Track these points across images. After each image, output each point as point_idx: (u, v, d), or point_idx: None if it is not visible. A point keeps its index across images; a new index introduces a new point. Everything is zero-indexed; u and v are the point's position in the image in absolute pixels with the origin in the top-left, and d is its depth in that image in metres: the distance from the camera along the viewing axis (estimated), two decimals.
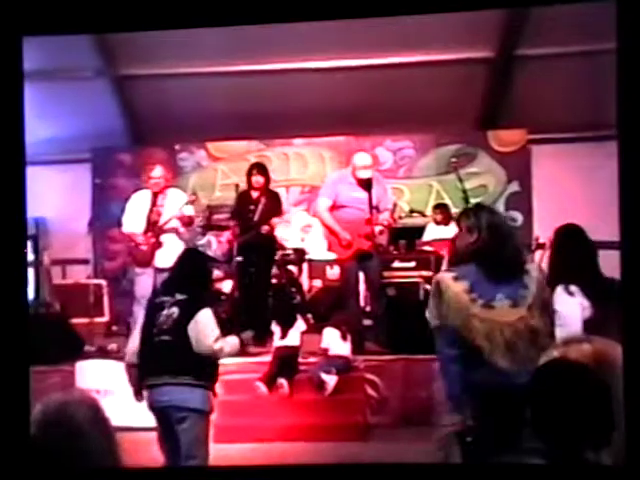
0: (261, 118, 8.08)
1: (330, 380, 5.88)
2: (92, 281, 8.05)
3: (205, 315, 3.95)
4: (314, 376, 5.97)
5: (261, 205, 6.79)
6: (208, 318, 3.96)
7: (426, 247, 7.43)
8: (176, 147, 9.00)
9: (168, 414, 3.95)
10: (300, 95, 8.00)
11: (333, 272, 7.33)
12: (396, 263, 7.14)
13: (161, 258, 6.49)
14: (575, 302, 3.88)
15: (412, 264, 7.10)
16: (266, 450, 5.38)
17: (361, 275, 6.62)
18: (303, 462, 4.99)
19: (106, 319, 7.74)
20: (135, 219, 6.68)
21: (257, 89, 7.99)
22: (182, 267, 4.31)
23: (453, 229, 7.43)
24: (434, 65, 7.95)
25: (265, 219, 6.76)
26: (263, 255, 6.91)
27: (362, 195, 6.36)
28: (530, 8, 7.21)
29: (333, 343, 6.15)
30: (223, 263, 7.24)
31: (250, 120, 8.10)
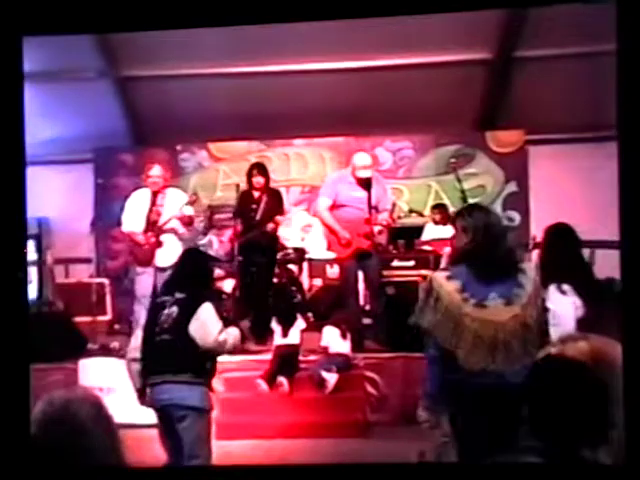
0: (262, 119, 8.07)
1: (330, 378, 5.88)
2: (95, 280, 8.04)
3: (206, 310, 3.95)
4: (314, 374, 5.97)
5: (263, 204, 6.79)
6: (209, 312, 3.95)
7: (425, 246, 7.43)
8: (178, 147, 8.99)
9: (169, 412, 3.94)
10: (300, 96, 7.99)
11: (333, 271, 7.33)
12: (395, 262, 7.14)
13: (161, 257, 6.48)
14: (568, 301, 3.88)
15: (411, 263, 7.10)
16: (267, 447, 5.38)
17: (360, 274, 6.62)
18: (303, 459, 5.00)
19: (108, 317, 7.74)
20: (135, 218, 6.65)
21: (258, 90, 7.98)
22: (183, 267, 4.31)
23: (451, 229, 7.47)
24: (433, 66, 7.93)
25: (267, 217, 6.75)
26: (265, 254, 6.90)
27: (362, 195, 6.35)
28: (528, 10, 7.20)
29: (333, 341, 6.15)
30: (224, 262, 7.23)
31: (251, 121, 8.09)
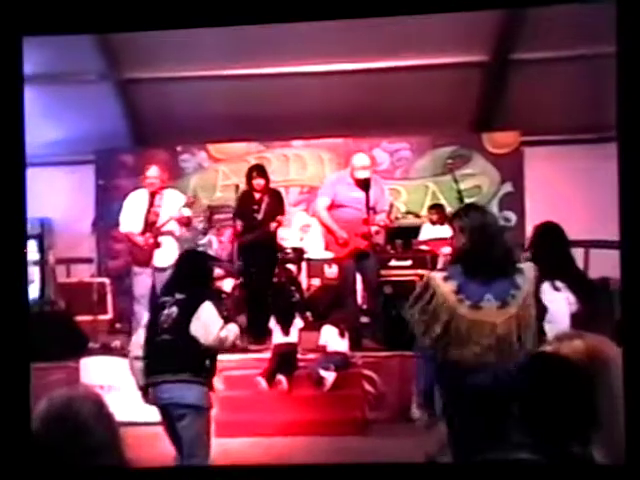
0: (261, 120, 8.07)
1: (328, 376, 5.88)
2: (96, 280, 8.03)
3: (207, 308, 3.97)
4: (313, 372, 5.97)
5: (264, 204, 6.78)
6: (210, 310, 3.97)
7: (422, 246, 7.43)
8: (178, 149, 8.98)
9: (169, 411, 3.94)
10: (299, 98, 7.98)
11: (331, 271, 7.32)
12: (393, 262, 7.14)
13: (159, 258, 6.48)
14: (562, 298, 3.87)
15: (408, 263, 7.10)
16: (266, 445, 5.37)
17: (358, 274, 6.62)
18: (302, 456, 5.00)
19: (110, 317, 7.73)
20: (133, 219, 6.63)
21: (257, 92, 7.97)
22: (182, 267, 4.31)
23: (448, 229, 7.47)
24: (430, 69, 7.93)
25: (269, 218, 6.75)
26: (266, 254, 6.89)
27: (360, 195, 6.34)
28: (524, 13, 7.22)
29: (331, 340, 6.15)
30: (224, 262, 7.23)
31: (250, 122, 8.09)
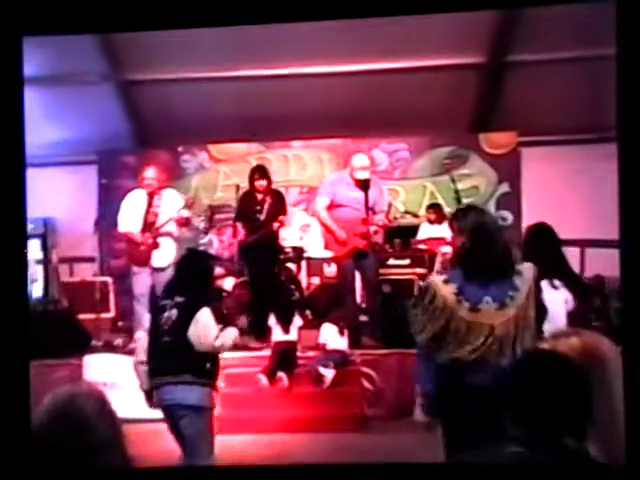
0: (261, 121, 8.07)
1: (328, 374, 5.88)
2: (98, 278, 8.02)
3: (204, 315, 3.91)
4: (312, 370, 5.97)
5: (267, 205, 6.77)
6: (207, 317, 3.92)
7: (420, 245, 7.43)
8: (179, 149, 8.97)
9: (172, 412, 3.93)
10: (299, 99, 7.98)
11: (330, 270, 7.31)
12: (391, 261, 7.14)
13: (158, 258, 6.48)
14: (560, 296, 3.88)
15: (407, 262, 7.10)
16: (267, 441, 5.38)
17: (357, 272, 6.62)
18: (303, 452, 5.00)
19: (112, 315, 7.72)
20: (131, 219, 6.62)
21: (257, 93, 7.97)
22: (184, 267, 4.28)
23: (446, 228, 7.47)
24: (428, 70, 7.93)
25: (271, 218, 6.74)
26: (269, 254, 6.89)
27: (359, 195, 6.34)
28: (520, 16, 7.23)
29: (331, 338, 6.15)
30: (224, 261, 7.23)
31: (250, 123, 8.09)
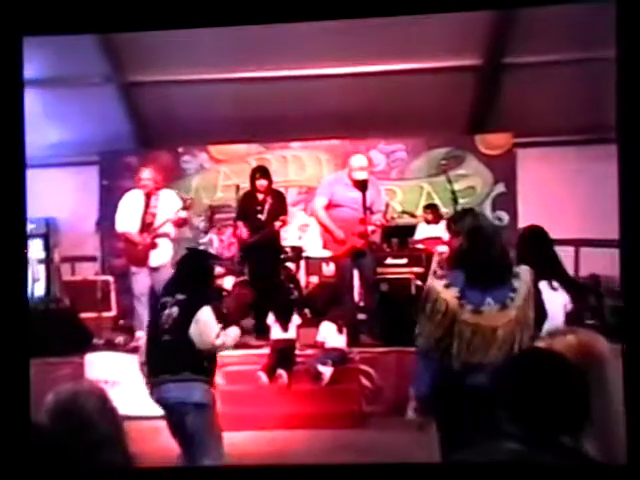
0: (261, 122, 8.07)
1: (326, 371, 5.88)
2: (100, 277, 8.00)
3: (205, 313, 3.89)
4: (311, 368, 5.97)
5: (268, 205, 6.76)
6: (208, 316, 3.90)
7: (418, 245, 7.43)
8: (180, 150, 8.97)
9: (173, 410, 3.92)
10: (298, 101, 7.98)
11: (329, 269, 7.31)
12: (389, 260, 7.13)
13: (155, 258, 6.47)
14: (558, 297, 3.89)
15: (404, 261, 7.09)
16: (267, 437, 5.38)
17: (355, 271, 6.62)
18: (302, 449, 5.00)
19: (113, 314, 7.71)
20: (129, 219, 6.61)
21: (257, 95, 7.96)
22: (184, 266, 4.26)
23: (443, 228, 7.47)
24: (425, 72, 7.93)
25: (273, 218, 6.73)
26: (271, 254, 6.88)
27: (357, 195, 6.34)
28: (516, 19, 7.24)
29: (329, 336, 6.15)
30: (224, 260, 7.22)
31: (250, 124, 8.09)
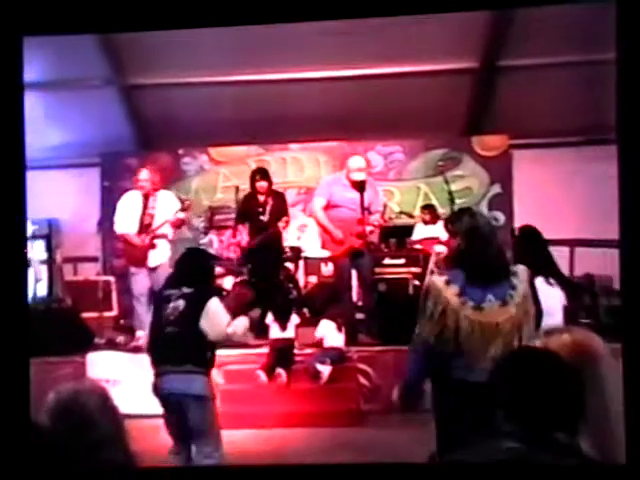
0: (260, 124, 8.06)
1: (325, 370, 5.87)
2: (101, 278, 8.00)
3: (214, 304, 3.96)
4: (310, 366, 5.97)
5: (269, 207, 6.75)
6: (217, 306, 3.97)
7: (415, 245, 7.43)
8: (180, 152, 8.96)
9: (174, 401, 3.93)
10: (297, 103, 7.98)
11: (327, 269, 7.31)
12: (387, 260, 7.12)
13: (154, 258, 6.47)
14: (555, 292, 3.89)
15: (402, 261, 7.09)
16: (266, 436, 5.37)
17: (354, 271, 6.62)
18: (301, 447, 5.00)
19: (114, 313, 7.70)
20: (127, 220, 6.59)
21: (257, 97, 7.96)
22: (186, 264, 4.28)
23: (440, 228, 7.47)
24: (422, 75, 7.93)
25: (274, 219, 6.71)
26: (274, 254, 6.87)
27: (355, 196, 6.34)
28: (511, 23, 7.25)
29: (328, 334, 6.14)
30: (223, 260, 7.22)
31: (250, 126, 8.08)
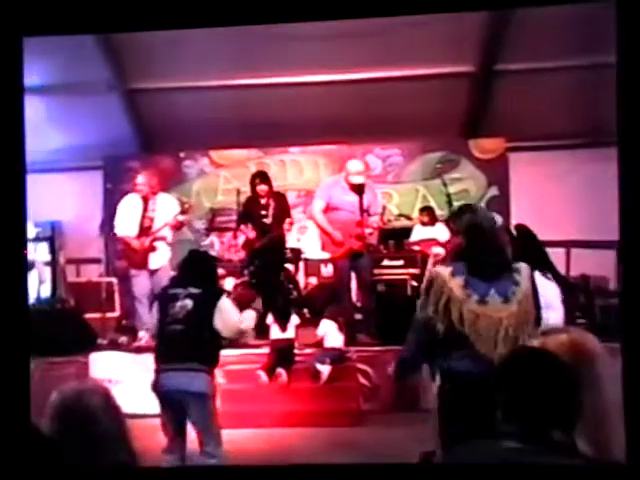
0: (260, 128, 8.07)
1: (324, 370, 5.87)
2: (104, 279, 8.01)
3: (225, 303, 4.06)
4: (310, 366, 5.97)
5: (272, 209, 6.71)
6: (228, 305, 4.07)
7: (413, 247, 7.44)
8: (181, 155, 8.97)
9: (173, 398, 3.93)
10: (296, 107, 7.98)
11: (327, 270, 7.32)
12: (385, 261, 7.14)
13: (154, 261, 6.48)
14: (553, 285, 3.89)
15: (400, 262, 7.11)
16: (267, 435, 5.37)
17: (353, 273, 6.62)
18: (301, 446, 5.00)
19: (117, 314, 7.69)
20: (127, 223, 6.59)
21: (257, 101, 7.98)
22: (192, 265, 4.29)
23: (438, 229, 7.49)
24: (421, 79, 7.95)
25: (278, 220, 6.69)
26: (278, 255, 6.86)
27: (354, 199, 6.35)
28: (508, 28, 7.26)
29: (330, 333, 6.14)
30: (225, 262, 7.23)
31: (250, 129, 8.09)
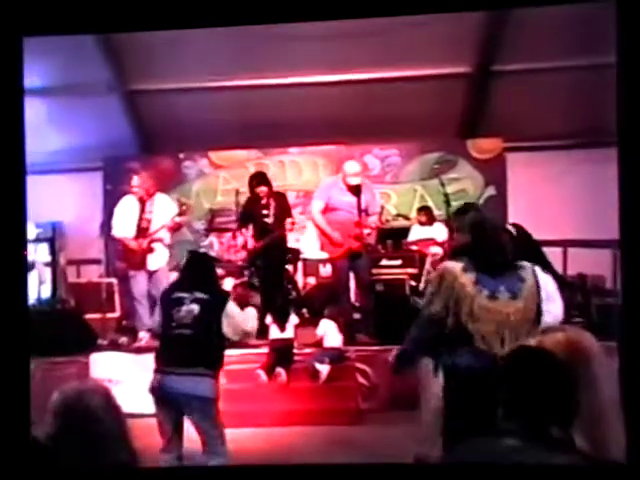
0: (259, 128, 8.07)
1: (323, 369, 5.87)
2: (104, 280, 7.99)
3: (232, 308, 4.05)
4: (309, 366, 5.96)
5: (272, 209, 6.68)
6: (235, 309, 4.07)
7: (412, 246, 7.44)
8: (181, 156, 8.97)
9: (175, 401, 3.92)
10: (295, 107, 7.98)
11: (326, 270, 7.31)
12: (384, 261, 7.15)
13: (153, 262, 6.47)
14: (552, 279, 3.89)
15: (398, 262, 7.11)
16: (266, 434, 5.37)
17: (351, 273, 6.61)
18: (301, 445, 4.99)
19: (117, 315, 7.68)
20: (125, 224, 6.57)
21: (256, 102, 7.97)
22: (196, 269, 4.28)
23: (436, 229, 7.49)
24: (418, 80, 7.95)
25: (279, 220, 6.66)
26: (280, 255, 6.85)
27: (352, 199, 6.35)
28: (505, 29, 7.27)
29: (328, 333, 6.14)
30: (224, 262, 7.22)
31: (249, 130, 8.09)
